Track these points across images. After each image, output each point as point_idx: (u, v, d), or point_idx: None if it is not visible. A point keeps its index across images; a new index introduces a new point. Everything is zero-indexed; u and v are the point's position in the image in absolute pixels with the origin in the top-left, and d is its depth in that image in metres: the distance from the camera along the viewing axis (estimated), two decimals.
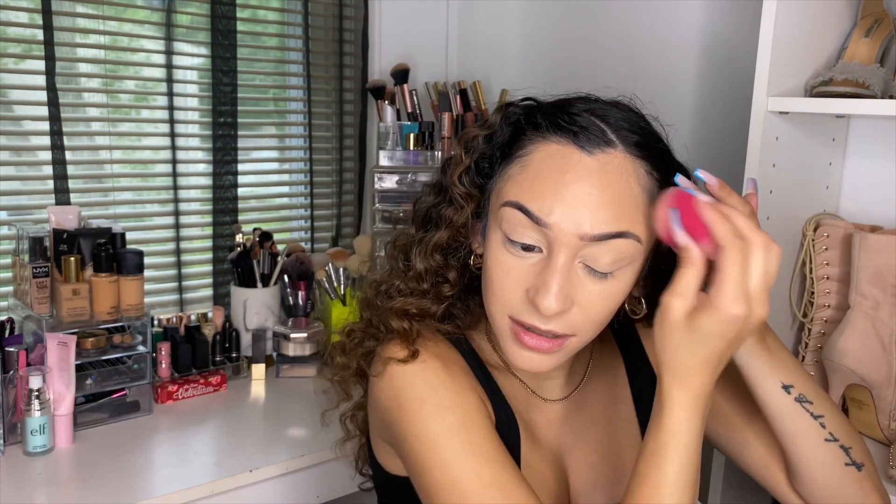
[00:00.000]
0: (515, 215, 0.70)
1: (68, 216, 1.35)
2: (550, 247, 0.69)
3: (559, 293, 0.68)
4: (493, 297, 0.74)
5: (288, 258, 1.66)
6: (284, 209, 1.88)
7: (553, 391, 0.86)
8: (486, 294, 0.75)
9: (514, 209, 0.70)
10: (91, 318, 1.30)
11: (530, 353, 0.73)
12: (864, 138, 1.28)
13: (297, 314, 1.66)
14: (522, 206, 0.70)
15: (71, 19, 1.50)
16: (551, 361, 0.74)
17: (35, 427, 1.18)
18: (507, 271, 0.72)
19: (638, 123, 0.74)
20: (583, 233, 0.68)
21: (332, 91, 1.86)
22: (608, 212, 0.68)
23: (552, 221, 0.68)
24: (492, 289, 0.73)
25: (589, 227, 0.68)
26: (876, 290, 1.13)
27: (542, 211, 0.69)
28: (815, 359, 1.21)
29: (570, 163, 0.69)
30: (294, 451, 1.23)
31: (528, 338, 0.72)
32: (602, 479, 0.85)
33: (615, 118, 0.72)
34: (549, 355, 0.73)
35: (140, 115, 1.63)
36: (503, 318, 0.73)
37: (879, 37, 1.17)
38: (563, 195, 0.68)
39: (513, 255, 0.71)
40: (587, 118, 0.71)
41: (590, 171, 0.69)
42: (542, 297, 0.68)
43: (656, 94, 1.59)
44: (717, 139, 1.52)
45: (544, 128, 0.72)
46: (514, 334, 0.73)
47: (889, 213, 1.26)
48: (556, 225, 0.68)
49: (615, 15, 1.68)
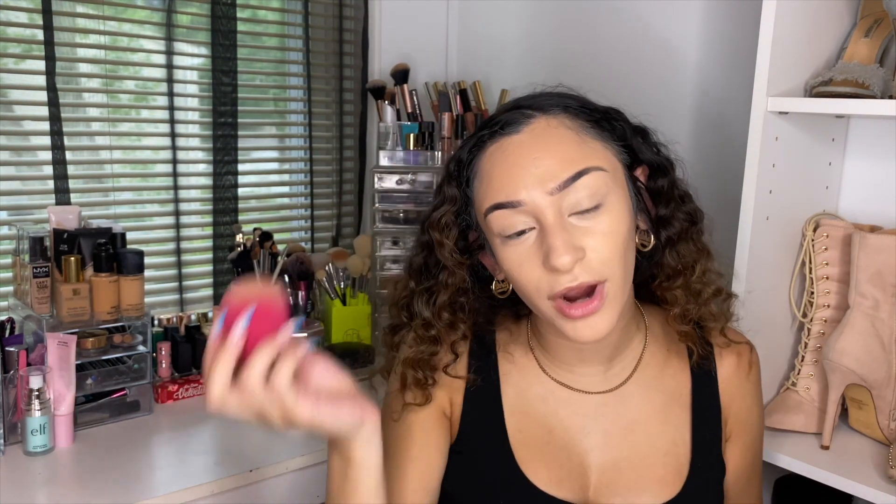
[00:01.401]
0: (496, 216, 0.77)
1: (68, 216, 1.35)
2: (537, 217, 0.75)
3: (563, 245, 0.73)
4: (527, 292, 0.78)
5: (288, 258, 1.66)
6: (284, 209, 1.88)
7: (588, 383, 0.88)
8: (521, 292, 0.80)
9: (493, 211, 0.77)
10: (91, 318, 1.30)
11: (584, 321, 0.76)
12: (863, 138, 1.28)
13: (297, 314, 1.66)
14: (495, 203, 0.76)
15: (71, 19, 1.50)
16: (605, 319, 0.76)
17: (35, 427, 1.18)
18: (520, 261, 0.76)
19: (553, 94, 0.82)
20: (549, 189, 0.74)
21: (332, 91, 1.86)
22: (559, 162, 0.75)
23: (522, 197, 0.75)
24: (522, 285, 0.78)
25: (551, 181, 0.74)
26: (876, 289, 1.13)
27: (511, 195, 0.75)
28: (815, 359, 1.21)
29: (508, 148, 0.77)
30: (294, 451, 1.23)
31: (574, 309, 0.75)
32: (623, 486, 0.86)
33: (532, 99, 0.81)
34: (600, 314, 0.76)
35: (140, 115, 1.63)
36: (546, 304, 0.77)
37: (879, 37, 1.17)
38: (517, 173, 0.75)
39: (514, 247, 0.77)
40: (507, 113, 0.80)
41: (524, 143, 0.77)
42: (552, 257, 0.73)
43: (656, 94, 1.60)
44: (717, 139, 1.52)
45: (480, 144, 0.80)
46: (562, 312, 0.76)
47: (889, 213, 1.26)
48: (527, 197, 0.75)
49: (615, 15, 1.68)
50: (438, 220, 0.83)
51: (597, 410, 0.87)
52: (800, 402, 1.21)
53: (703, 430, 0.88)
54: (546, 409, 0.87)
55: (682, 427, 0.88)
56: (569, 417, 0.87)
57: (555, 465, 0.85)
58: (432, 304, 0.85)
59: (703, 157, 1.52)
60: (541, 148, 0.76)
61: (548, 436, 0.87)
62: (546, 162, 0.75)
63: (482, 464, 0.87)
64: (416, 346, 0.86)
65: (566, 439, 0.87)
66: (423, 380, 0.87)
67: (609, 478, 0.86)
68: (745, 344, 0.93)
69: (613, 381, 0.88)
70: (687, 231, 0.85)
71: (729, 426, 0.91)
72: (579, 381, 0.88)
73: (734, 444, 0.92)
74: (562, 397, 0.88)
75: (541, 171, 0.75)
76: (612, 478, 0.86)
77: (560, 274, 0.74)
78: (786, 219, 1.20)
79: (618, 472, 0.86)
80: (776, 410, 1.21)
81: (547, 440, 0.86)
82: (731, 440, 0.91)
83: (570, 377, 0.88)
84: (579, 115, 0.79)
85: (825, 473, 1.09)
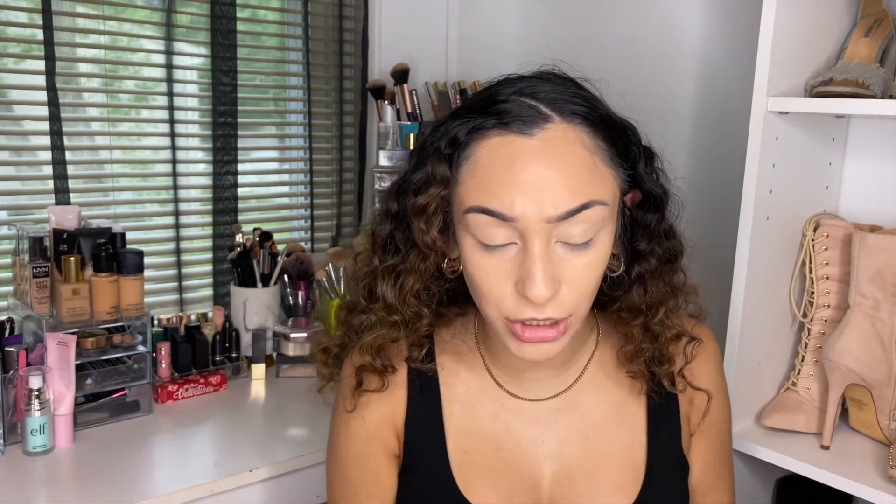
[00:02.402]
0: (480, 219, 0.70)
1: (68, 216, 1.35)
2: (523, 236, 0.69)
3: (545, 278, 0.68)
4: (484, 300, 0.73)
5: (288, 258, 1.66)
6: (284, 209, 1.88)
7: (539, 389, 0.84)
8: (477, 298, 0.75)
9: (478, 213, 0.70)
10: (91, 317, 1.30)
11: (536, 345, 0.73)
12: (864, 138, 1.28)
13: (297, 314, 1.66)
14: (484, 208, 0.70)
15: (71, 19, 1.50)
16: (557, 347, 0.74)
17: (35, 427, 1.18)
18: (489, 272, 0.71)
19: (568, 90, 0.75)
20: (548, 216, 0.68)
21: (332, 91, 1.86)
22: (566, 188, 0.69)
23: (516, 214, 0.68)
24: (480, 292, 0.73)
25: (552, 209, 0.68)
26: (876, 289, 1.13)
27: (504, 207, 0.69)
28: (815, 359, 1.21)
29: (515, 151, 0.69)
30: (294, 451, 1.23)
31: (530, 332, 0.72)
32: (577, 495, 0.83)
33: (545, 92, 0.73)
34: (553, 343, 0.73)
35: (140, 115, 1.63)
36: (500, 320, 0.73)
37: (879, 37, 1.17)
38: (519, 185, 0.68)
39: (489, 256, 0.71)
40: (516, 101, 0.72)
41: (535, 153, 0.69)
42: (530, 287, 0.68)
43: (656, 93, 1.60)
44: (717, 139, 1.52)
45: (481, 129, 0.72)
46: (515, 333, 0.72)
47: (889, 213, 1.26)
48: (521, 215, 0.68)
49: (615, 15, 1.68)
50: (424, 207, 0.74)
51: (549, 417, 0.84)
52: (800, 402, 1.21)
53: (662, 431, 0.85)
54: (496, 425, 0.84)
55: (638, 428, 0.85)
56: (520, 429, 0.83)
57: (503, 484, 0.82)
58: (397, 287, 0.79)
59: (703, 157, 1.52)
60: (551, 166, 0.69)
61: (496, 453, 0.83)
62: (553, 185, 0.68)
63: (425, 491, 0.84)
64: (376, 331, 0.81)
65: (517, 453, 0.83)
66: (381, 369, 0.83)
67: (563, 488, 0.83)
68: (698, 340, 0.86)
69: (565, 383, 0.84)
70: (660, 270, 0.80)
71: (691, 423, 0.88)
72: (530, 387, 0.84)
73: (697, 441, 0.88)
74: (512, 408, 0.84)
75: (545, 195, 0.68)
76: (566, 487, 0.83)
77: (530, 304, 0.70)
78: (786, 219, 1.20)
79: (571, 482, 0.83)
80: (776, 410, 1.21)
81: (495, 457, 0.83)
82: (695, 436, 0.88)
83: (519, 384, 0.84)
84: (598, 132, 0.72)
85: (825, 473, 1.09)
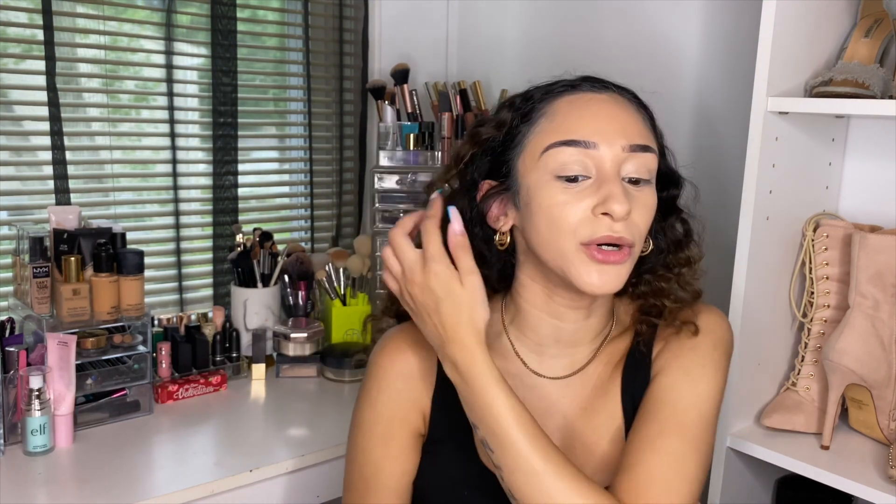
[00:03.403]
0: (562, 152, 0.79)
1: (68, 216, 1.35)
2: (599, 168, 0.78)
3: (624, 196, 0.77)
4: (559, 233, 0.79)
5: (288, 258, 1.66)
6: (284, 209, 1.88)
7: (554, 366, 0.88)
8: (547, 237, 0.80)
9: (561, 146, 0.79)
10: (91, 318, 1.30)
11: (605, 268, 0.78)
12: (863, 138, 1.28)
13: (297, 314, 1.66)
14: (568, 139, 0.79)
15: (71, 19, 1.50)
16: (620, 276, 0.79)
17: (35, 427, 1.18)
18: (568, 203, 0.78)
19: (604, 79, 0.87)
20: (625, 143, 0.79)
21: (332, 91, 1.86)
22: (636, 128, 0.81)
23: (598, 140, 0.78)
24: (556, 225, 0.79)
25: (627, 139, 0.79)
26: (876, 290, 1.13)
27: (587, 135, 0.78)
28: (815, 359, 1.21)
29: (591, 100, 0.82)
30: (294, 451, 1.23)
31: (603, 254, 0.78)
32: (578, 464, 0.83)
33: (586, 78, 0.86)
34: (618, 268, 0.79)
35: (140, 115, 1.63)
36: (573, 248, 0.78)
37: (879, 37, 1.17)
38: (599, 118, 0.80)
39: (566, 189, 0.78)
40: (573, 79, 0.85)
41: (608, 101, 0.82)
42: (612, 203, 0.76)
43: (656, 93, 1.59)
44: (717, 139, 1.52)
45: (554, 92, 0.84)
46: (590, 255, 0.78)
47: (889, 213, 1.26)
48: (603, 142, 0.78)
49: (615, 15, 1.68)
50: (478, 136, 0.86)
51: (560, 392, 0.88)
52: (800, 402, 1.21)
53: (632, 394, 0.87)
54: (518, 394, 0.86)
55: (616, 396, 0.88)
56: (533, 402, 0.86)
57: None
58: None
59: (703, 157, 1.52)
60: (623, 111, 0.81)
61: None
62: (626, 123, 0.80)
63: (447, 459, 0.89)
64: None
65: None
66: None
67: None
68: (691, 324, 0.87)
69: (577, 364, 0.89)
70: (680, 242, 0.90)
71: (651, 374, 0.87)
72: (546, 363, 0.89)
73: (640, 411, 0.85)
74: (529, 384, 0.88)
75: (620, 128, 0.79)
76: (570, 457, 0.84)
77: (608, 221, 0.77)
78: (786, 219, 1.20)
79: (573, 456, 0.85)
80: (776, 410, 1.21)
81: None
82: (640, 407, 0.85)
83: (538, 360, 0.89)
84: (641, 108, 0.85)
85: (825, 473, 1.09)
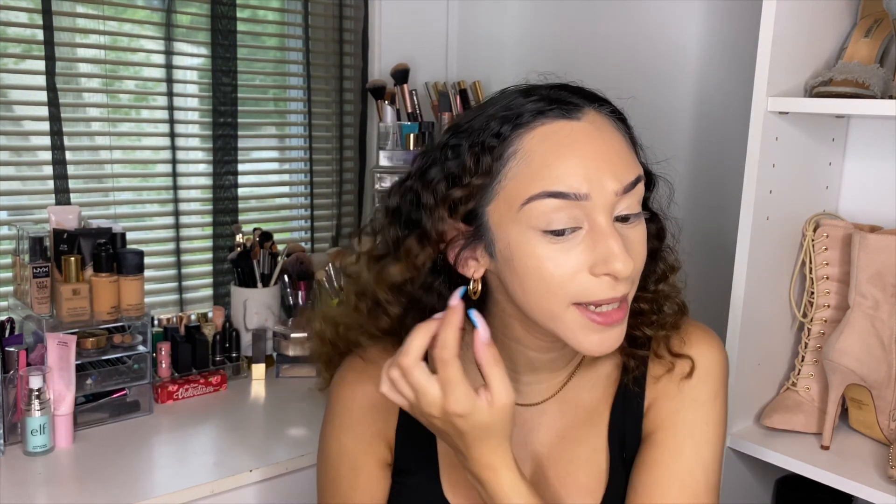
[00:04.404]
0: (547, 204, 0.68)
1: (68, 216, 1.35)
2: (591, 217, 0.69)
3: (622, 251, 0.68)
4: (549, 293, 0.70)
5: (288, 258, 1.66)
6: (284, 209, 1.88)
7: (530, 393, 0.84)
8: (535, 298, 0.72)
9: (545, 199, 0.68)
10: (91, 318, 1.30)
11: (608, 331, 0.71)
12: (864, 138, 1.28)
13: (297, 314, 1.66)
14: (551, 192, 0.68)
15: (71, 19, 1.50)
16: (623, 331, 0.73)
17: (35, 427, 1.18)
18: (556, 260, 0.69)
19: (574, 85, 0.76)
20: (618, 187, 0.69)
21: (332, 91, 1.86)
22: (623, 162, 0.71)
23: (586, 192, 0.68)
24: (545, 285, 0.70)
25: (618, 182, 0.69)
26: (876, 290, 1.13)
27: (573, 186, 0.68)
28: (815, 359, 1.21)
29: (570, 134, 0.70)
30: (294, 451, 1.23)
31: (602, 317, 0.71)
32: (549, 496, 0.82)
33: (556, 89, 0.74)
34: (619, 327, 0.72)
35: (140, 115, 1.63)
36: (566, 312, 0.71)
37: (879, 37, 1.17)
38: (583, 164, 0.69)
39: (554, 244, 0.69)
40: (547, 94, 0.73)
41: (588, 133, 0.70)
42: (614, 262, 0.68)
43: (656, 93, 1.60)
44: (717, 139, 1.52)
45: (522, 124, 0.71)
46: (589, 319, 0.71)
47: (889, 213, 1.26)
48: (594, 190, 0.68)
49: (615, 15, 1.68)
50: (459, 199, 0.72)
51: (534, 419, 0.84)
52: (800, 402, 1.21)
53: (622, 432, 0.83)
54: None
55: (603, 431, 0.83)
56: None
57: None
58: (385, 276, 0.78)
59: (704, 158, 1.52)
60: (605, 142, 0.70)
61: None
62: (613, 160, 0.70)
63: (411, 492, 0.85)
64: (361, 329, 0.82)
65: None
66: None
67: (539, 489, 0.81)
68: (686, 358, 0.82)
69: (553, 389, 0.84)
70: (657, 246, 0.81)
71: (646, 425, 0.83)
72: (524, 391, 0.83)
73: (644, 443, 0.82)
74: None
75: (609, 170, 0.69)
76: (542, 488, 0.82)
77: (609, 281, 0.69)
78: (786, 219, 1.20)
79: (545, 483, 0.82)
80: (776, 410, 1.21)
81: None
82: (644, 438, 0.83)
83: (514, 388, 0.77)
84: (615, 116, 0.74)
85: (825, 473, 1.09)
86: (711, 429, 0.81)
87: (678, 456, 0.79)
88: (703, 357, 0.82)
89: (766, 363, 1.25)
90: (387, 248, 0.78)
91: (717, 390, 0.82)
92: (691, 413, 0.81)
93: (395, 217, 0.78)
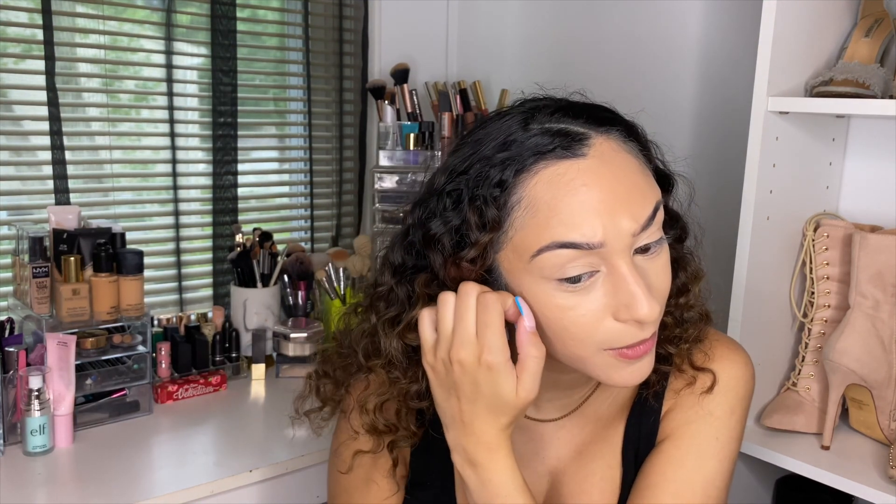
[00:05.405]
0: (560, 256, 0.64)
1: (68, 216, 1.35)
2: (608, 261, 0.65)
3: (646, 294, 0.65)
4: (577, 342, 0.68)
5: (288, 258, 1.66)
6: (284, 209, 1.88)
7: (548, 410, 0.83)
8: (557, 343, 0.69)
9: (557, 250, 0.64)
10: (91, 318, 1.30)
11: (637, 362, 0.69)
12: (864, 138, 1.28)
13: (297, 314, 1.66)
14: (564, 242, 0.64)
15: (71, 19, 1.50)
16: (652, 359, 0.71)
17: (35, 427, 1.18)
18: (581, 312, 0.66)
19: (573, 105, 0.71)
20: (633, 230, 0.65)
21: (332, 91, 1.86)
22: (638, 197, 0.66)
23: (601, 239, 0.64)
24: (571, 336, 0.68)
25: (634, 222, 0.65)
26: (876, 290, 1.13)
27: (587, 235, 0.64)
28: (816, 359, 1.21)
29: (576, 176, 0.65)
30: (294, 451, 1.23)
31: (633, 351, 0.68)
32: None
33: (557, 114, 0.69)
34: (650, 354, 0.70)
35: (140, 115, 1.63)
36: (598, 356, 0.69)
37: (879, 37, 1.17)
38: (595, 209, 0.64)
39: (574, 292, 0.66)
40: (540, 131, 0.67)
41: (595, 171, 0.65)
42: (638, 308, 0.64)
43: (656, 93, 1.60)
44: (717, 139, 1.52)
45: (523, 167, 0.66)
46: (625, 357, 0.68)
47: (889, 213, 1.26)
48: (607, 240, 0.64)
49: (615, 15, 1.68)
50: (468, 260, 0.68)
51: (552, 434, 0.83)
52: (800, 402, 1.21)
53: (637, 447, 0.81)
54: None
55: (617, 446, 0.82)
56: (523, 445, 0.82)
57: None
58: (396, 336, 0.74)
59: (704, 157, 1.52)
60: (616, 178, 0.65)
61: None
62: (626, 198, 0.65)
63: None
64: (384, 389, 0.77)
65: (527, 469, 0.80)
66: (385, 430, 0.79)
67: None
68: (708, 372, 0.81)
69: (573, 405, 0.83)
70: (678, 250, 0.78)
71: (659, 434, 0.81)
72: (545, 407, 0.82)
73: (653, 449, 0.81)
74: (519, 426, 0.78)
75: (624, 211, 0.64)
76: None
77: (638, 325, 0.66)
78: (786, 219, 1.20)
79: (561, 498, 0.81)
80: (776, 410, 1.21)
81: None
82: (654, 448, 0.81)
83: (535, 405, 0.82)
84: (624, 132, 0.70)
85: (825, 473, 1.09)
86: (721, 445, 0.78)
87: (679, 466, 0.77)
88: (724, 372, 0.80)
89: (767, 363, 1.25)
90: (402, 307, 0.74)
91: (734, 407, 0.80)
92: (703, 426, 0.79)
93: (401, 275, 0.74)
